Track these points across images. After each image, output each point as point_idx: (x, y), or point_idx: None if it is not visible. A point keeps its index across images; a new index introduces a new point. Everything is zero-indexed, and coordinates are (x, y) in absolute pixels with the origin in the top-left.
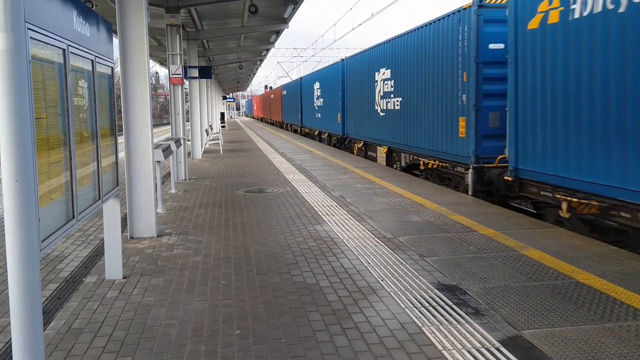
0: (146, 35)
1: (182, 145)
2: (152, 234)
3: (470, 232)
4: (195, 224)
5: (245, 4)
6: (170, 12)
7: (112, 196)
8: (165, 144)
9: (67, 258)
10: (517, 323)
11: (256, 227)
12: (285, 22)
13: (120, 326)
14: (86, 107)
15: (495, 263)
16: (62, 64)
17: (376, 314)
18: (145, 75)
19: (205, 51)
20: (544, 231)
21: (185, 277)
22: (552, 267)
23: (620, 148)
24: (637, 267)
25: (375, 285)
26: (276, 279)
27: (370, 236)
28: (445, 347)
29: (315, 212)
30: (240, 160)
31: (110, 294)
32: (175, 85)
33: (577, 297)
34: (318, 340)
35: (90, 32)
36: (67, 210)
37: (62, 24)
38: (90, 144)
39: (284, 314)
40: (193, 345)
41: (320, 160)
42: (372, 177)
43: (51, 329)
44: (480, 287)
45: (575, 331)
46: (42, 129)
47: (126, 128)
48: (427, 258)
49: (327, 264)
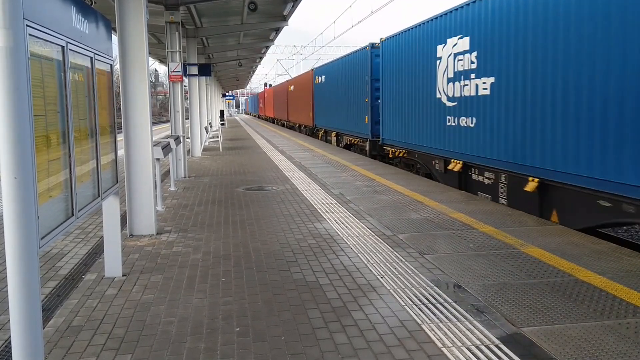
0: (145, 33)
1: (181, 143)
2: (151, 232)
3: (470, 229)
4: (195, 221)
5: (244, 1)
6: (169, 10)
7: (111, 194)
8: (164, 141)
9: (66, 255)
10: (516, 320)
11: (256, 224)
12: (285, 20)
13: (120, 324)
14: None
15: (495, 260)
16: (60, 60)
17: (376, 311)
18: (144, 73)
19: (204, 49)
20: (544, 229)
21: (185, 275)
22: (551, 265)
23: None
24: (637, 264)
25: (374, 283)
26: (276, 277)
27: (370, 234)
28: (444, 344)
29: (315, 209)
30: (239, 157)
31: (109, 292)
32: (175, 82)
33: (577, 294)
34: (318, 337)
35: (90, 29)
36: (67, 207)
37: (61, 21)
38: (90, 142)
39: (283, 312)
40: (193, 342)
41: (320, 157)
42: (372, 174)
43: (51, 327)
44: (480, 285)
45: (575, 328)
46: (41, 126)
47: (125, 125)
48: (426, 255)
49: (327, 261)
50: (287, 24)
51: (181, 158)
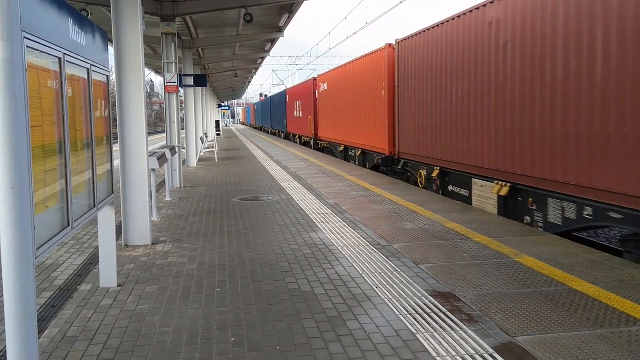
0: (141, 44)
1: (176, 153)
2: (146, 242)
3: (464, 239)
4: (190, 231)
5: (240, 12)
6: (165, 21)
7: (106, 204)
8: (160, 151)
9: (61, 266)
10: (510, 329)
11: (251, 234)
12: (280, 31)
13: (115, 334)
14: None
15: (489, 270)
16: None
17: (370, 320)
18: (140, 83)
19: (200, 59)
20: (537, 238)
21: (180, 285)
22: (545, 274)
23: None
24: (630, 273)
25: (369, 292)
26: (271, 287)
27: (365, 243)
28: (439, 353)
29: (310, 219)
30: (235, 167)
31: (104, 302)
32: (170, 93)
33: (570, 303)
34: (312, 347)
35: (86, 41)
36: (62, 217)
37: (58, 32)
38: (85, 152)
39: (278, 321)
40: (187, 352)
41: (315, 167)
42: (367, 184)
43: (45, 337)
44: (474, 294)
45: (568, 337)
46: (37, 136)
47: (121, 136)
48: (421, 265)
49: (322, 271)
50: (282, 35)
51: (176, 168)
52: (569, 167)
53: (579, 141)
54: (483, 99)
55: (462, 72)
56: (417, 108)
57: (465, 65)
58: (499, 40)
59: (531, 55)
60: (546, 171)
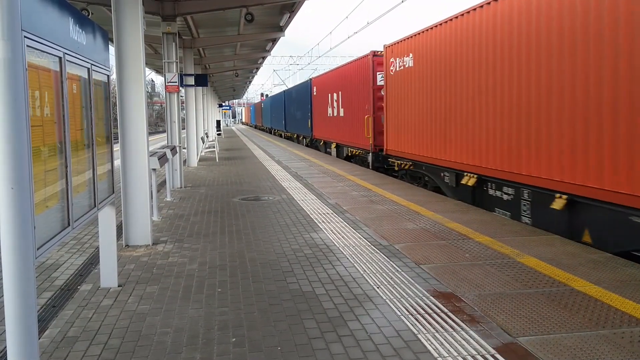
0: (142, 43)
1: (177, 153)
2: (147, 242)
3: (466, 239)
4: (191, 231)
5: (241, 12)
6: (166, 20)
7: (107, 204)
8: (161, 151)
9: (62, 266)
10: (512, 330)
11: (252, 234)
12: (282, 30)
13: (116, 334)
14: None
15: (491, 270)
16: (58, 71)
17: (372, 321)
18: (141, 83)
19: (201, 59)
20: (539, 238)
21: (181, 285)
22: (547, 275)
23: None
24: (632, 274)
25: (371, 293)
26: (272, 287)
27: (366, 243)
28: (441, 354)
29: (311, 219)
30: (236, 167)
31: (105, 302)
32: (171, 93)
33: (572, 304)
34: (314, 347)
35: (87, 40)
36: (63, 217)
37: (58, 32)
38: (86, 152)
39: (279, 322)
40: (188, 353)
41: (316, 167)
42: (368, 184)
43: (46, 337)
44: (476, 294)
45: (571, 338)
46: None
47: (122, 136)
48: (422, 265)
49: (323, 271)
50: (283, 35)
51: (177, 168)
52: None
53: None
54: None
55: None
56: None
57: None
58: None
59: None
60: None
